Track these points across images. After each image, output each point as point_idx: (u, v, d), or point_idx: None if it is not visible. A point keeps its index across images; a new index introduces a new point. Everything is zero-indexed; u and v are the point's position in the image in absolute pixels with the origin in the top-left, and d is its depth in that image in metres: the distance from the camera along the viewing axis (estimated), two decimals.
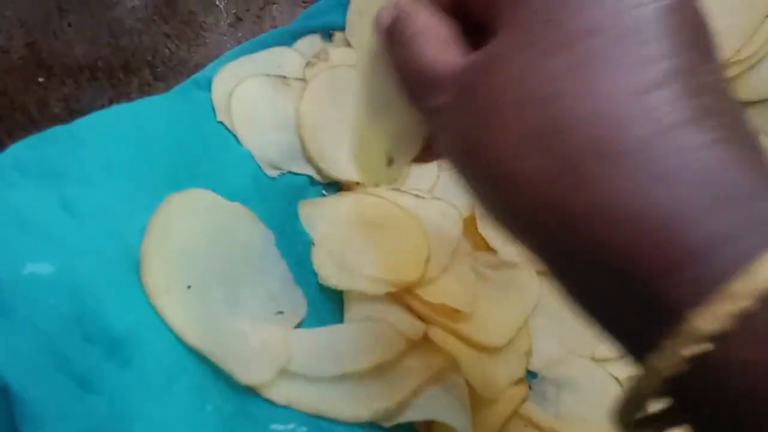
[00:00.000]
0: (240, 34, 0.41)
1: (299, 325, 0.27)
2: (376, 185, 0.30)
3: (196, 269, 0.24)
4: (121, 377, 0.19)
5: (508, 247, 0.34)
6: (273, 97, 0.33)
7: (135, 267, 0.22)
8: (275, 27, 0.42)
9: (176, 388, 0.20)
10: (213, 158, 0.29)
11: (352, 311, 0.29)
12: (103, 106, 0.35)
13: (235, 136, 0.31)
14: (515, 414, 0.27)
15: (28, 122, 0.35)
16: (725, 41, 0.37)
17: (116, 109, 0.27)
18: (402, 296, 0.30)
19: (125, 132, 0.26)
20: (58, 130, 0.24)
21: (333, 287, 0.30)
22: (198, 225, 0.25)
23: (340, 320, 0.29)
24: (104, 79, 0.37)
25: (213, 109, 0.31)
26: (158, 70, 0.38)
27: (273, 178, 0.32)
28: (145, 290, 0.22)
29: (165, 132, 0.27)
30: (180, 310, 0.22)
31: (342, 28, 0.38)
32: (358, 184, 0.35)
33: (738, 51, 0.36)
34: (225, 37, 0.41)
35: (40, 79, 0.37)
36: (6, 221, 0.21)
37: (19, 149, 0.23)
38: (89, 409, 0.19)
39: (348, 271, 0.30)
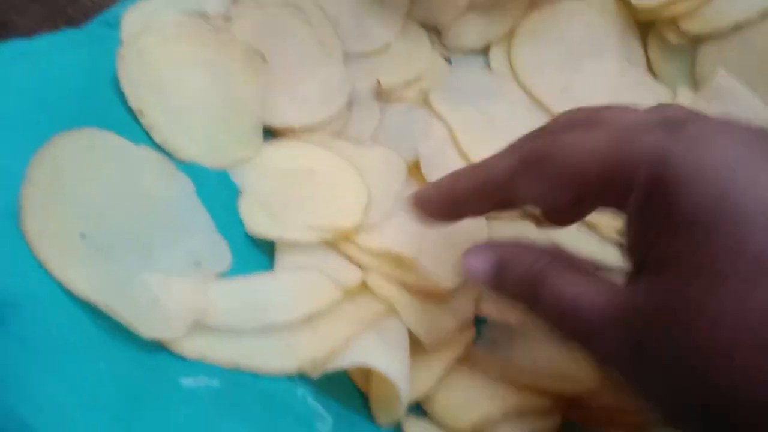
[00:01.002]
0: None
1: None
2: None
3: (91, 217, 0.21)
4: (3, 342, 0.17)
5: None
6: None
7: (14, 216, 0.20)
8: None
9: (61, 343, 0.18)
10: (121, 105, 0.26)
11: (283, 262, 0.27)
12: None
13: None
14: (460, 360, 0.26)
15: None
16: None
17: (9, 45, 0.24)
18: (339, 244, 0.28)
19: (16, 73, 0.23)
20: None
21: (262, 237, 0.28)
22: (95, 168, 0.22)
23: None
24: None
25: None
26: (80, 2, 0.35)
27: None
28: (25, 240, 0.19)
29: (65, 74, 0.24)
30: (70, 261, 0.20)
31: None
32: (292, 130, 0.33)
33: None
34: None
35: None
36: None
37: None
38: None
39: (280, 219, 0.28)
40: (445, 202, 0.24)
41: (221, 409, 0.19)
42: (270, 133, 0.32)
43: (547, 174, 0.19)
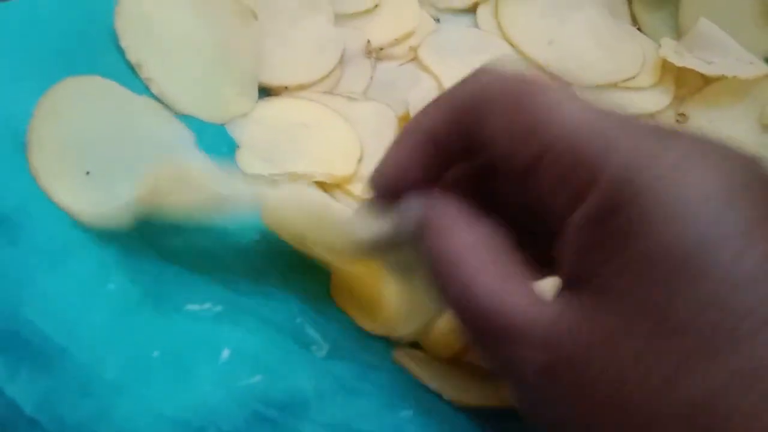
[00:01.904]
0: None
1: None
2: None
3: (96, 157, 0.23)
4: (7, 253, 0.18)
5: None
6: None
7: (22, 149, 0.21)
8: None
9: (71, 264, 0.19)
10: (120, 57, 0.27)
11: None
12: None
13: None
14: None
15: None
16: None
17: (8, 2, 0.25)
18: (332, 192, 0.30)
19: (13, 14, 0.24)
20: None
21: None
22: (99, 113, 0.24)
23: None
24: None
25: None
26: None
27: None
28: (33, 175, 0.21)
29: (63, 17, 0.25)
30: (78, 195, 0.21)
31: None
32: (286, 88, 0.34)
33: None
34: None
35: None
36: None
37: None
38: None
39: (276, 168, 0.29)
40: (394, 169, 0.20)
41: (222, 325, 0.20)
42: (264, 92, 0.33)
43: (523, 116, 0.16)
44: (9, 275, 0.18)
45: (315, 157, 0.30)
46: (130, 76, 0.27)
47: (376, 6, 0.38)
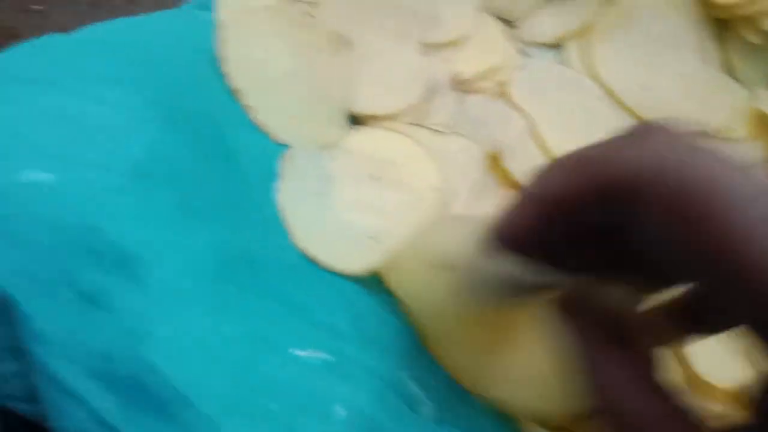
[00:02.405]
0: None
1: None
2: None
3: None
4: (131, 294, 0.18)
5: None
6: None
7: (141, 180, 0.20)
8: None
9: (190, 306, 0.19)
10: (220, 82, 0.27)
11: None
12: None
13: None
14: None
15: None
16: None
17: (115, 21, 0.25)
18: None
19: (126, 45, 0.24)
20: (54, 38, 0.22)
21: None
22: None
23: None
24: (105, 8, 0.35)
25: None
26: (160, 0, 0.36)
27: None
28: None
29: (171, 48, 0.25)
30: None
31: None
32: (374, 117, 0.33)
33: None
34: None
35: (37, 7, 0.35)
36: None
37: (11, 54, 0.21)
38: (98, 326, 0.17)
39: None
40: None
41: (332, 377, 0.19)
42: (353, 120, 0.33)
43: (706, 226, 0.13)
44: (130, 316, 0.18)
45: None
46: (230, 102, 0.27)
47: (464, 37, 0.37)
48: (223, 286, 0.20)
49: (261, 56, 0.29)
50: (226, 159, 0.24)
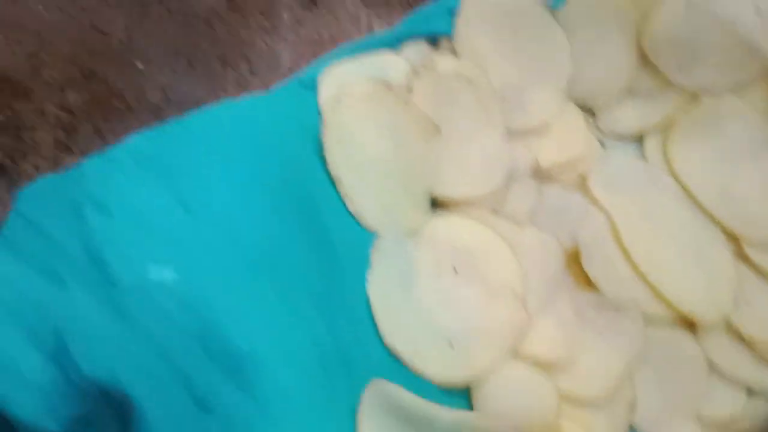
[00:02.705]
0: (335, 33, 0.40)
1: None
2: None
3: None
4: (238, 399, 0.18)
5: (613, 286, 0.32)
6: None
7: (252, 273, 0.21)
8: (370, 29, 0.41)
9: (296, 416, 0.19)
10: (323, 169, 0.28)
11: None
12: (199, 99, 0.35)
13: None
14: None
15: (125, 109, 0.34)
16: None
17: (228, 105, 0.26)
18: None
19: (240, 129, 0.25)
20: (173, 126, 0.23)
21: None
22: None
23: None
24: (201, 71, 0.37)
25: (319, 111, 0.30)
26: (255, 65, 0.37)
27: None
28: None
29: (280, 132, 0.26)
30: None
31: (449, 35, 0.36)
32: (455, 202, 0.33)
33: None
34: (318, 34, 0.40)
35: (139, 66, 0.36)
36: (126, 218, 0.20)
37: (137, 141, 0.23)
38: (205, 430, 0.18)
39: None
40: None
41: None
42: (433, 202, 0.33)
43: None
44: (237, 425, 0.18)
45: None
46: (330, 189, 0.28)
47: (547, 125, 0.37)
48: (323, 389, 0.20)
49: (358, 140, 0.30)
50: (325, 248, 0.25)
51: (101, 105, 0.34)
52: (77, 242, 0.19)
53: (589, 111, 0.40)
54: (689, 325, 0.32)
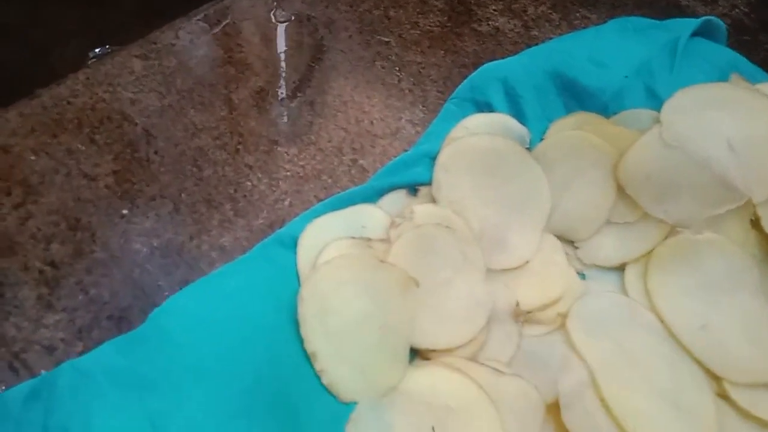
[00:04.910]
0: (320, 167, 0.41)
1: None
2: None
3: None
4: None
5: None
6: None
7: None
8: (354, 162, 0.42)
9: None
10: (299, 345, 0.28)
11: None
12: (182, 243, 0.35)
13: None
14: None
15: (108, 259, 0.34)
16: None
17: (201, 289, 0.27)
18: None
19: (212, 322, 0.25)
20: (147, 330, 0.24)
21: None
22: None
23: None
24: (186, 214, 0.37)
25: (297, 276, 0.30)
26: (239, 204, 0.38)
27: None
28: None
29: (250, 321, 0.26)
30: None
31: (428, 183, 0.37)
32: (434, 351, 0.34)
33: None
34: (305, 169, 0.41)
35: (124, 212, 0.37)
36: None
37: (109, 354, 0.23)
38: None
39: None
40: None
41: None
42: (412, 353, 0.33)
43: None
44: None
45: None
46: (305, 366, 0.28)
47: (526, 262, 0.38)
48: None
49: (334, 307, 0.30)
50: None
51: (85, 257, 0.34)
52: None
53: (569, 242, 0.40)
54: None
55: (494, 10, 0.52)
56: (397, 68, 0.48)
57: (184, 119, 0.42)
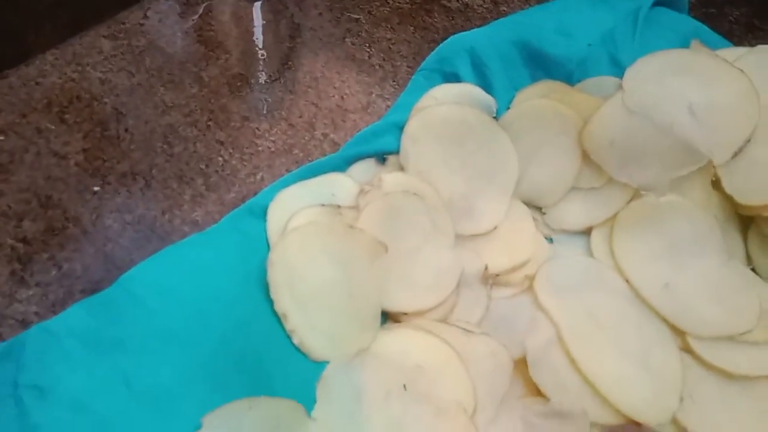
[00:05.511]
0: (292, 142, 0.41)
1: None
2: None
3: None
4: None
5: (560, 394, 0.32)
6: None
7: None
8: (325, 137, 0.42)
9: None
10: (269, 308, 0.28)
11: None
12: (155, 218, 0.36)
13: None
14: None
15: (80, 234, 0.35)
16: None
17: (170, 256, 0.27)
18: None
19: (181, 287, 0.26)
20: (116, 292, 0.24)
21: None
22: None
23: None
24: (158, 189, 0.37)
25: (267, 244, 0.31)
26: (211, 179, 0.38)
27: None
28: None
29: (220, 286, 0.27)
30: None
31: (396, 152, 0.38)
32: (405, 314, 0.34)
33: None
34: (276, 144, 0.41)
35: (95, 188, 0.37)
36: (63, 401, 0.21)
37: (78, 315, 0.23)
38: None
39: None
40: None
41: None
42: (383, 316, 0.34)
43: None
44: None
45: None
46: (276, 327, 0.28)
47: (495, 228, 0.39)
48: None
49: (304, 273, 0.30)
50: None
51: (57, 233, 0.34)
52: (15, 426, 0.20)
53: (537, 208, 0.41)
54: (636, 425, 0.33)
55: None
56: (368, 44, 0.48)
57: (154, 97, 0.42)
